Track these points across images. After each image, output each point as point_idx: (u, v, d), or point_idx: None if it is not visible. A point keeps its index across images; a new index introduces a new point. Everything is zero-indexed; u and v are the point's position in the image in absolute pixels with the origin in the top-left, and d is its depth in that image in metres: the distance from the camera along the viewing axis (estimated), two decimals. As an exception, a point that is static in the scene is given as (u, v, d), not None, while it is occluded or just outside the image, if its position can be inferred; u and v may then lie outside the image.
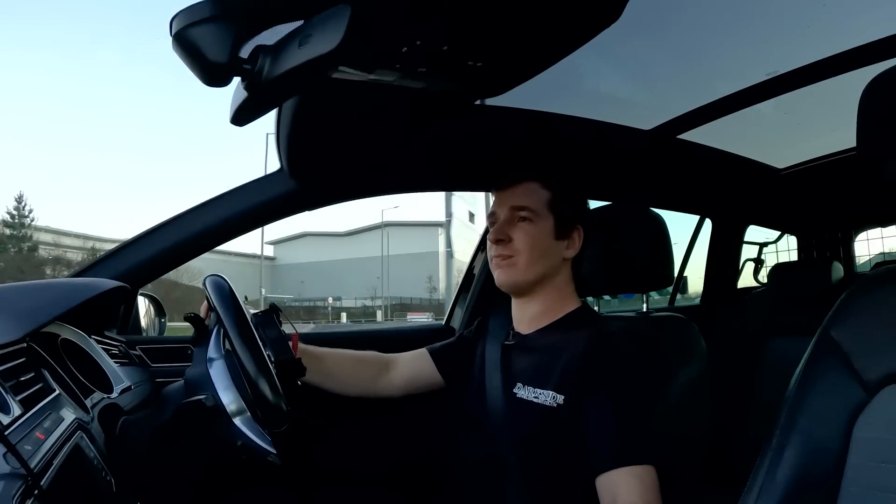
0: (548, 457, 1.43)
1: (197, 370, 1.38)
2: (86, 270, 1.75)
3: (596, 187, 2.44)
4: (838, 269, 2.98)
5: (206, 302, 1.46)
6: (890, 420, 0.96)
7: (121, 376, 1.46)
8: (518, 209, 1.57)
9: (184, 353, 1.80)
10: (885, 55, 1.66)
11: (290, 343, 1.55)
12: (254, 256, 51.17)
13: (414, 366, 1.82)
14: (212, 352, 1.39)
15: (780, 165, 2.92)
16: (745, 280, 3.92)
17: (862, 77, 1.11)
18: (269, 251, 55.09)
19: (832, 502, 0.98)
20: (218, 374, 1.35)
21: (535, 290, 1.60)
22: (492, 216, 1.64)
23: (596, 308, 2.01)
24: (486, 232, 1.77)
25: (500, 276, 1.59)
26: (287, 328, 1.60)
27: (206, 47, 0.74)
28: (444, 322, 2.59)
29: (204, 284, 1.38)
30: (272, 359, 1.42)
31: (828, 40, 1.74)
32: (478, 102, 1.50)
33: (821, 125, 2.61)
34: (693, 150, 2.34)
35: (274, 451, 1.29)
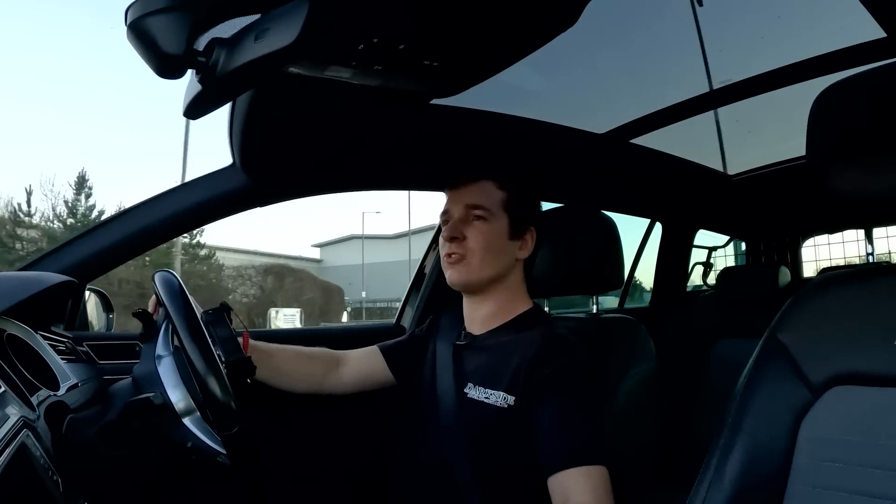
0: (499, 457, 1.43)
1: (145, 367, 1.35)
2: (33, 264, 1.71)
3: (549, 189, 2.45)
4: (785, 274, 3.05)
5: (154, 297, 1.44)
6: (835, 420, 0.99)
7: (68, 373, 1.43)
8: (473, 208, 1.57)
9: (132, 350, 1.76)
10: (836, 67, 1.70)
11: (241, 341, 1.53)
12: (300, 258, 50.47)
13: (365, 363, 1.80)
14: (160, 349, 1.37)
15: (731, 171, 2.97)
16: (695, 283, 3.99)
17: (813, 88, 1.14)
18: (315, 254, 54.23)
19: (779, 500, 1.00)
20: (166, 371, 1.33)
21: (488, 289, 1.60)
22: (445, 214, 1.63)
23: (546, 308, 2.02)
24: (439, 230, 1.77)
25: (452, 275, 1.59)
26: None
27: (160, 38, 0.73)
28: (394, 321, 2.58)
29: (153, 279, 1.36)
30: (223, 358, 1.40)
31: (781, 51, 1.78)
32: (433, 102, 1.51)
33: (772, 133, 2.66)
34: (645, 155, 2.37)
35: (224, 452, 1.27)
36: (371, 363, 1.79)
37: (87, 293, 1.87)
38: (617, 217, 2.10)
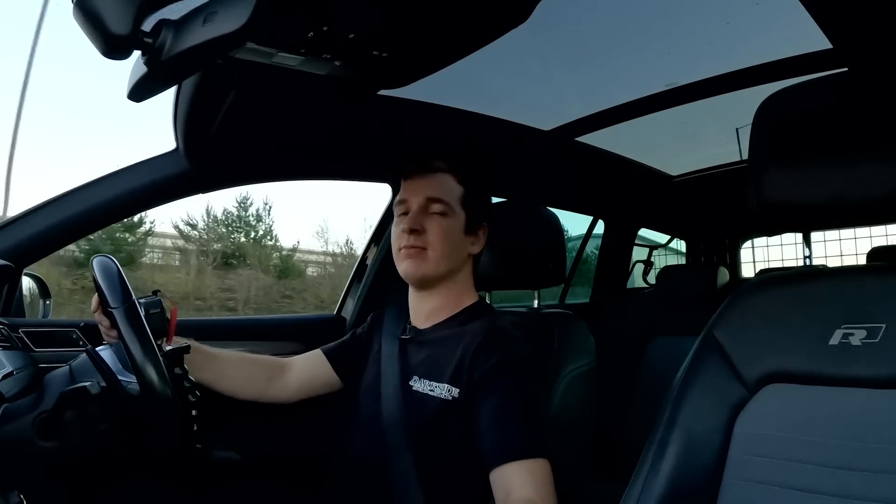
0: (442, 450, 1.43)
1: (82, 356, 1.34)
2: (-34, 249, 1.66)
3: (494, 184, 2.47)
4: (724, 274, 3.10)
5: (96, 297, 1.41)
6: (768, 417, 1.02)
7: (2, 361, 1.39)
8: (434, 201, 1.55)
9: (69, 338, 1.73)
10: (781, 75, 1.74)
11: (170, 316, 1.50)
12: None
13: (308, 368, 1.77)
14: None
15: (674, 172, 3.02)
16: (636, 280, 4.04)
17: (757, 95, 1.17)
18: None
19: (714, 494, 1.03)
20: (105, 359, 1.31)
21: (439, 284, 1.59)
22: (402, 204, 1.60)
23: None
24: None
25: (408, 267, 1.55)
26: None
27: (108, 17, 0.71)
28: (335, 312, 2.56)
29: (91, 265, 1.34)
30: (147, 311, 1.37)
31: (727, 57, 1.81)
32: (381, 93, 1.50)
33: (715, 137, 2.71)
34: (590, 153, 2.40)
35: (132, 380, 1.24)
36: (315, 368, 1.76)
37: (23, 278, 1.83)
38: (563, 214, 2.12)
